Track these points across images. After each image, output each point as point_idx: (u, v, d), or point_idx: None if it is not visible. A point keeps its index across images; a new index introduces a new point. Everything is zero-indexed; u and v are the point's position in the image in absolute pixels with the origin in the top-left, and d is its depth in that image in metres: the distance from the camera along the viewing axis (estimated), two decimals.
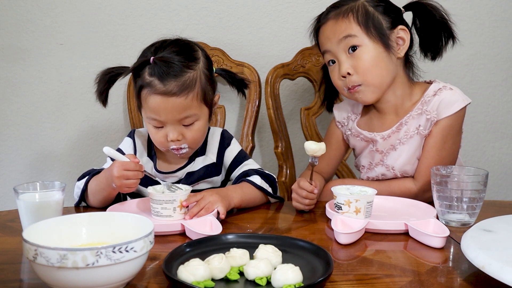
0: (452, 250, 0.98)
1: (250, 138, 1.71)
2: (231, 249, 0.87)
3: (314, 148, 1.18)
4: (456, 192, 1.10)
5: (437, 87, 1.32)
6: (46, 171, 1.82)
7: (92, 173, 1.25)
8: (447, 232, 0.99)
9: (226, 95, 1.84)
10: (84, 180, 1.25)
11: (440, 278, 0.85)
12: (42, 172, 1.82)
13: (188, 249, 0.90)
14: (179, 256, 0.87)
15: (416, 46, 1.40)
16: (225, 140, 1.39)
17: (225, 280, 0.82)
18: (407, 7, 1.37)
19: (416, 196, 1.30)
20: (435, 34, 1.36)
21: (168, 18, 1.78)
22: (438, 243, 0.98)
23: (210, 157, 1.36)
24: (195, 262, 0.80)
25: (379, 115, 1.41)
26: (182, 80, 1.21)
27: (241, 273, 0.83)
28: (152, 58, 1.22)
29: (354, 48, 1.30)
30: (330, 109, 1.54)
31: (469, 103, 1.32)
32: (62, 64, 1.77)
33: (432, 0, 1.35)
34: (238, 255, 0.85)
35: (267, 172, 1.36)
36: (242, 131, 1.73)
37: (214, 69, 1.34)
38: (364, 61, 1.29)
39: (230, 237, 0.96)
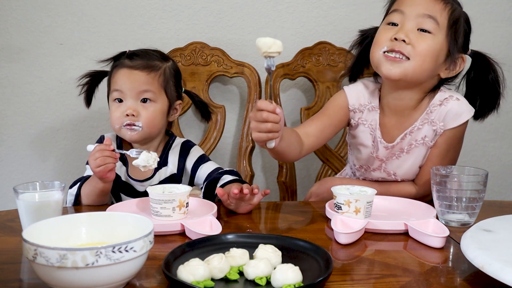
0: (452, 250, 0.98)
1: (250, 138, 1.71)
2: (231, 249, 0.87)
3: (268, 42, 0.95)
4: (456, 192, 1.10)
5: (443, 96, 1.29)
6: (46, 171, 1.82)
7: (83, 179, 1.31)
8: (447, 232, 0.99)
9: (226, 95, 1.84)
10: (76, 186, 1.30)
11: (440, 278, 0.85)
12: (42, 172, 1.82)
13: (188, 249, 0.90)
14: (179, 256, 0.87)
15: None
16: (184, 151, 1.42)
17: (225, 280, 0.82)
18: (472, 54, 1.35)
19: (415, 199, 1.29)
20: (482, 93, 1.34)
21: (168, 18, 1.78)
22: (438, 243, 0.98)
23: (171, 169, 1.40)
24: (195, 262, 0.80)
25: (387, 120, 1.35)
26: (148, 63, 1.35)
27: (241, 273, 0.83)
28: (128, 50, 1.40)
29: (425, 30, 1.25)
30: (352, 79, 1.45)
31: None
32: (62, 64, 1.77)
33: (497, 63, 1.33)
34: (237, 255, 0.85)
35: (227, 169, 1.37)
36: (242, 131, 1.73)
37: (183, 89, 1.46)
38: (427, 44, 1.24)
39: (230, 237, 0.96)
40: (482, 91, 1.34)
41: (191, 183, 1.42)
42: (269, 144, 1.07)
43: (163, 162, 1.40)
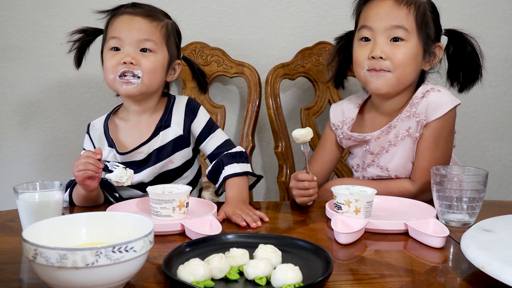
0: (452, 250, 0.98)
1: (250, 138, 1.71)
2: (231, 249, 0.87)
3: (303, 133, 1.17)
4: (456, 192, 1.10)
5: (425, 89, 1.32)
6: (46, 171, 1.82)
7: (72, 185, 1.28)
8: (447, 232, 0.99)
9: (226, 95, 1.84)
10: (67, 193, 1.28)
11: (440, 278, 0.85)
12: (42, 172, 1.82)
13: (188, 249, 0.90)
14: (179, 256, 0.87)
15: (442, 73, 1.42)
16: (190, 111, 1.34)
17: (225, 280, 0.82)
18: (448, 32, 1.39)
19: (414, 196, 1.30)
20: (464, 66, 1.38)
21: None
22: (438, 243, 0.98)
23: (176, 130, 1.32)
24: (195, 262, 0.80)
25: (372, 115, 1.41)
26: (150, 12, 1.30)
27: (241, 273, 0.83)
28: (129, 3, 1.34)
29: (397, 39, 1.29)
30: (338, 86, 1.56)
31: (459, 104, 1.31)
32: (62, 64, 1.77)
33: (472, 36, 1.37)
34: (237, 255, 0.85)
35: (235, 151, 1.31)
36: (242, 131, 1.73)
37: (181, 54, 1.40)
38: (402, 54, 1.29)
39: (230, 237, 0.96)
40: (463, 64, 1.39)
41: (197, 146, 1.36)
42: (309, 203, 1.27)
43: (164, 123, 1.32)
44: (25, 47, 1.75)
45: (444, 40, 1.40)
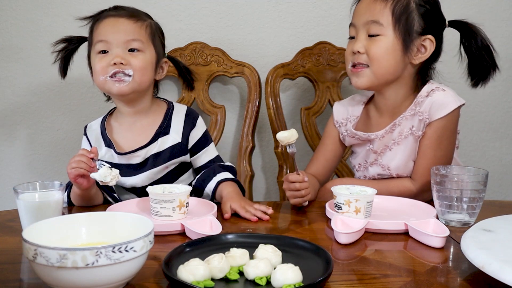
0: (452, 250, 0.98)
1: (250, 138, 1.71)
2: (231, 249, 0.87)
3: (286, 135, 1.18)
4: (456, 192, 1.10)
5: (430, 88, 1.32)
6: (46, 171, 1.82)
7: (71, 185, 1.28)
8: (447, 232, 0.99)
9: (226, 95, 1.84)
10: (66, 193, 1.28)
11: (440, 278, 0.85)
12: (42, 172, 1.82)
13: (188, 249, 0.90)
14: (179, 256, 0.87)
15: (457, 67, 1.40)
16: (190, 120, 1.36)
17: (225, 280, 0.82)
18: (454, 24, 1.37)
19: (415, 196, 1.30)
20: (479, 57, 1.36)
21: (168, 18, 1.78)
22: (438, 243, 0.98)
23: (174, 137, 1.34)
24: (195, 262, 0.80)
25: (377, 115, 1.41)
26: (134, 12, 1.32)
27: (241, 273, 0.83)
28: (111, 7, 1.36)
29: (373, 34, 1.30)
30: None
31: (463, 104, 1.31)
32: None
33: (477, 24, 1.35)
34: (238, 255, 0.85)
35: (226, 164, 1.38)
36: (242, 131, 1.73)
37: (165, 54, 1.41)
38: (378, 48, 1.29)
39: (230, 237, 0.96)
40: (480, 54, 1.37)
41: (190, 156, 1.38)
42: (304, 203, 1.28)
43: (164, 130, 1.34)
44: (25, 47, 1.76)
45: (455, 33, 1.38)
